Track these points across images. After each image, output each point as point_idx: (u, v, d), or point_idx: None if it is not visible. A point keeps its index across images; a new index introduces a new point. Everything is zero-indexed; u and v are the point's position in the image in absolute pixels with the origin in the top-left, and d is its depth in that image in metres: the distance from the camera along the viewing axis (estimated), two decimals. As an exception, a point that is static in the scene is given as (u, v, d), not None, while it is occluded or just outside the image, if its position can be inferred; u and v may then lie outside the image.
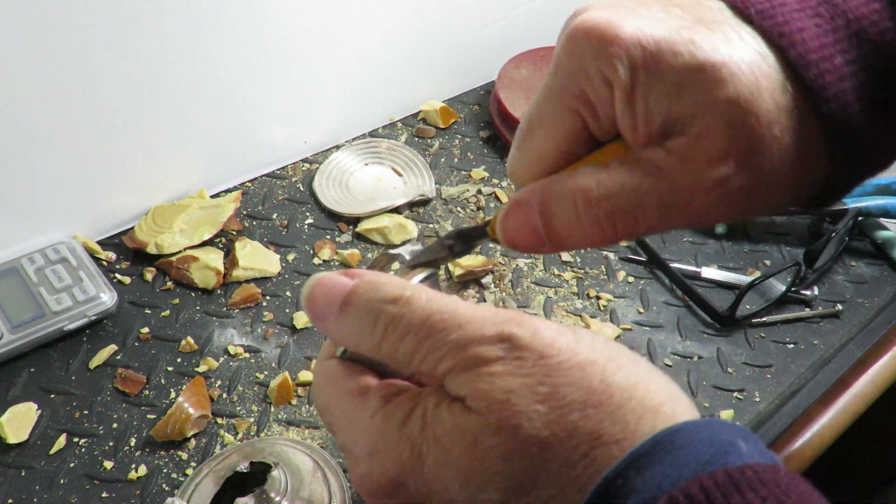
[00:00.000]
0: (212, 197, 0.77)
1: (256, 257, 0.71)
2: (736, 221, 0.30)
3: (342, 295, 0.27)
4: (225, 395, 0.62)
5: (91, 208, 0.71)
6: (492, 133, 0.90)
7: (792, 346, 0.70)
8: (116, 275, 0.69)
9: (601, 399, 0.24)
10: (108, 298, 0.65)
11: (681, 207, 0.27)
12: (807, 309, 0.74)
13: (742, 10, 0.27)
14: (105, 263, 0.70)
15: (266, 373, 0.64)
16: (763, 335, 0.71)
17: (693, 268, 0.75)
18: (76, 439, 0.58)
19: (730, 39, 0.27)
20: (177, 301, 0.68)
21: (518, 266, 0.75)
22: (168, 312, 0.67)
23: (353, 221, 0.78)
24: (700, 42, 0.26)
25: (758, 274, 0.75)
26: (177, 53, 0.67)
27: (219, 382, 0.62)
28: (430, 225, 0.78)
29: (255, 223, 0.76)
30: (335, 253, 0.74)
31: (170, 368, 0.63)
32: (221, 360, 0.64)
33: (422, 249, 0.32)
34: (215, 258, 0.70)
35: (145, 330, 0.65)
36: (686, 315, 0.72)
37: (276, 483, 0.50)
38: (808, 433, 0.63)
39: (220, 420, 0.60)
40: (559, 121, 0.30)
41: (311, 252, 0.74)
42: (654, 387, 0.25)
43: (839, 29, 0.27)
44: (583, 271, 0.76)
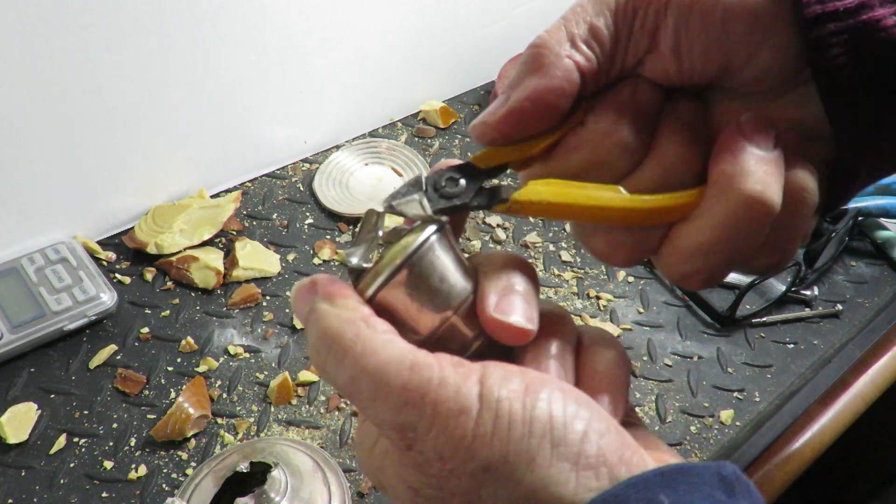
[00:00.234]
0: (212, 197, 0.77)
1: (256, 257, 0.71)
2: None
3: (307, 308, 0.27)
4: (225, 395, 0.62)
5: (91, 208, 0.71)
6: (492, 133, 0.90)
7: (792, 346, 0.70)
8: (116, 275, 0.69)
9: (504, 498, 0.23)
10: (108, 298, 0.65)
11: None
12: (807, 309, 0.74)
13: None
14: (105, 263, 0.70)
15: (266, 373, 0.64)
16: (763, 335, 0.71)
17: (693, 268, 0.75)
18: (76, 439, 0.58)
19: None
20: (177, 301, 0.68)
21: (518, 266, 0.75)
22: (168, 312, 0.67)
23: (353, 221, 0.78)
24: None
25: (766, 273, 0.75)
26: (177, 53, 0.67)
27: (219, 382, 0.62)
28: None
29: (255, 223, 0.76)
30: (335, 253, 0.74)
31: (170, 368, 0.63)
32: (221, 360, 0.64)
33: (394, 191, 0.28)
34: (215, 258, 0.70)
35: (145, 330, 0.65)
36: (686, 315, 0.72)
37: (276, 483, 0.50)
38: (808, 433, 0.63)
39: (220, 420, 0.60)
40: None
41: (311, 252, 0.74)
42: (561, 487, 0.23)
43: None
44: (583, 271, 0.76)
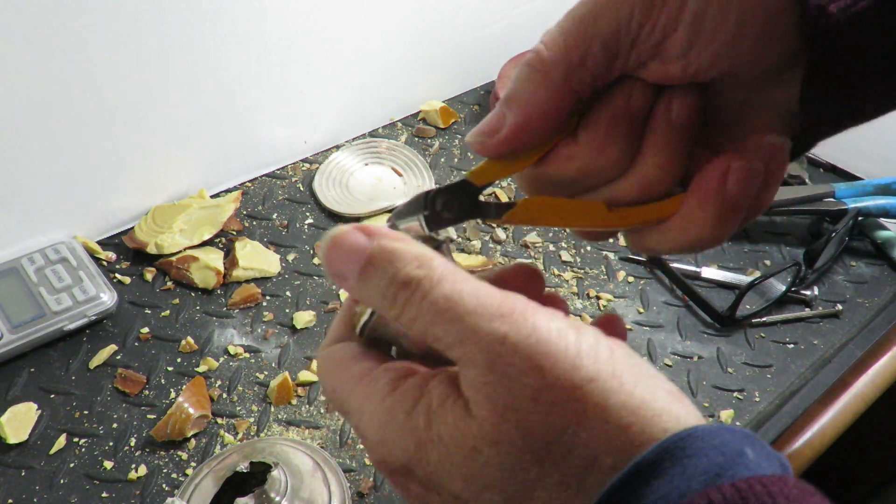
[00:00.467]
0: (212, 197, 0.77)
1: (256, 257, 0.71)
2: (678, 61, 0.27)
3: (360, 259, 0.26)
4: (225, 395, 0.62)
5: (91, 208, 0.71)
6: (492, 133, 0.90)
7: (792, 346, 0.70)
8: (116, 275, 0.69)
9: (596, 423, 0.23)
10: (108, 298, 0.65)
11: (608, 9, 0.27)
12: (807, 309, 0.74)
13: None
14: (105, 263, 0.70)
15: (266, 373, 0.64)
16: (763, 335, 0.71)
17: (693, 268, 0.75)
18: (76, 439, 0.58)
19: None
20: (177, 301, 0.68)
21: (518, 266, 0.75)
22: (168, 312, 0.67)
23: (353, 221, 0.78)
24: None
25: (758, 274, 0.75)
26: (177, 53, 0.67)
27: (219, 382, 0.62)
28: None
29: (255, 223, 0.76)
30: (335, 253, 0.74)
31: (170, 368, 0.63)
32: (221, 360, 0.64)
33: (399, 207, 0.30)
34: (215, 258, 0.70)
35: (145, 330, 0.65)
36: (686, 315, 0.72)
37: (276, 483, 0.50)
38: (808, 433, 0.63)
39: (220, 420, 0.60)
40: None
41: (311, 252, 0.74)
42: (658, 402, 0.24)
43: None
44: (583, 271, 0.76)
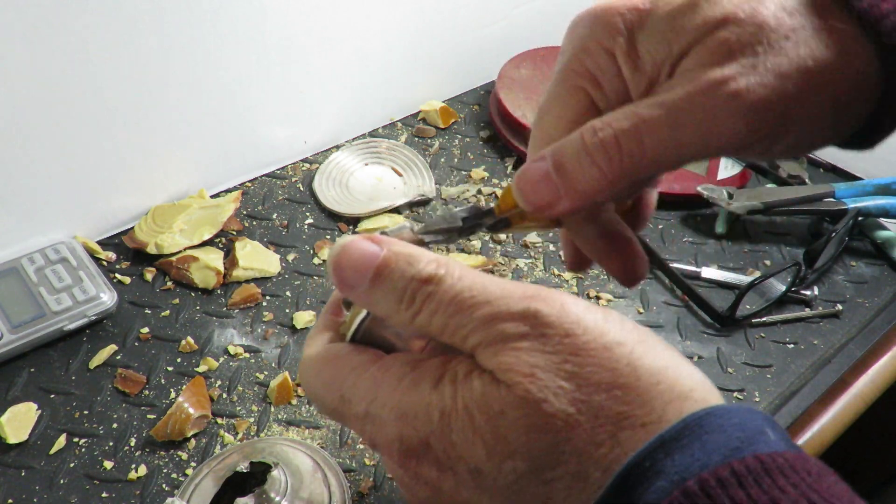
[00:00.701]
0: (212, 197, 0.77)
1: (256, 257, 0.71)
2: (761, 157, 0.29)
3: (372, 266, 0.26)
4: (225, 395, 0.62)
5: (91, 208, 0.71)
6: (492, 133, 0.90)
7: (792, 346, 0.70)
8: (116, 275, 0.69)
9: (628, 381, 0.24)
10: (108, 298, 0.65)
11: (692, 124, 0.26)
12: (807, 309, 0.74)
13: None
14: (105, 263, 0.70)
15: (266, 373, 0.64)
16: (763, 335, 0.71)
17: (693, 268, 0.75)
18: (76, 439, 0.58)
19: None
20: (177, 301, 0.68)
21: (518, 266, 0.75)
22: (168, 312, 0.67)
23: (353, 221, 0.78)
24: None
25: (758, 274, 0.75)
26: (177, 53, 0.67)
27: (219, 382, 0.62)
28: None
29: (255, 223, 0.76)
30: (335, 253, 0.74)
31: (170, 368, 0.63)
32: (221, 360, 0.64)
33: (433, 220, 0.32)
34: (215, 258, 0.70)
35: (145, 330, 0.65)
36: (686, 315, 0.72)
37: (276, 483, 0.50)
38: (808, 433, 0.63)
39: (220, 420, 0.60)
40: (567, 100, 0.31)
41: (311, 252, 0.74)
42: (683, 372, 0.25)
43: None
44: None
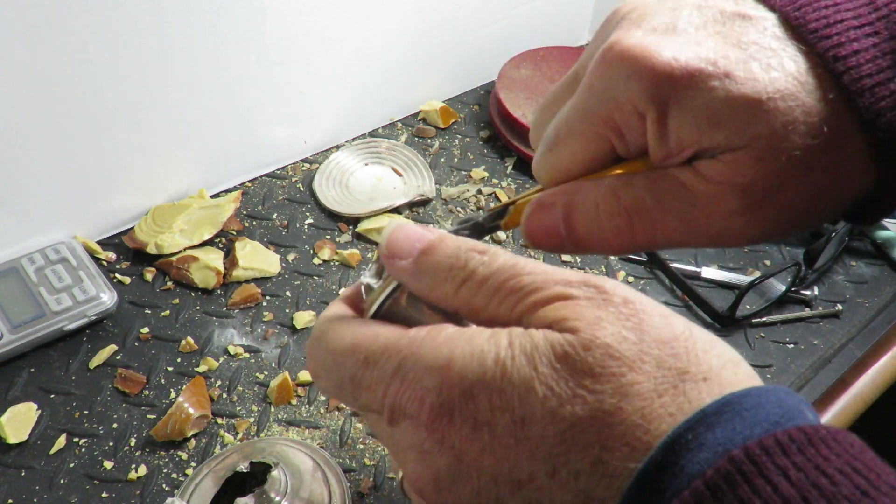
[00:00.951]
0: (212, 197, 0.77)
1: (256, 257, 0.71)
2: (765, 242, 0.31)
3: (425, 241, 0.27)
4: (225, 395, 0.62)
5: (91, 208, 0.71)
6: (492, 133, 0.90)
7: (792, 346, 0.70)
8: (116, 275, 0.69)
9: (686, 344, 0.24)
10: (108, 298, 0.65)
11: (703, 227, 0.28)
12: (807, 309, 0.74)
13: (794, 26, 0.27)
14: (105, 263, 0.70)
15: (266, 373, 0.64)
16: (763, 335, 0.71)
17: (693, 268, 0.75)
18: (76, 439, 0.58)
19: (770, 68, 0.26)
20: (177, 301, 0.68)
21: (518, 266, 0.75)
22: (168, 312, 0.67)
23: (353, 221, 0.78)
24: (736, 75, 0.26)
25: (758, 274, 0.75)
26: (177, 53, 0.67)
27: (219, 382, 0.62)
28: (430, 225, 0.78)
29: (255, 223, 0.76)
30: (335, 253, 0.74)
31: (170, 368, 0.63)
32: (221, 360, 0.64)
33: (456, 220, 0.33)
34: (215, 258, 0.70)
35: (145, 330, 0.65)
36: (686, 315, 0.72)
37: (276, 483, 0.50)
38: (808, 433, 0.63)
39: (220, 420, 0.60)
40: (587, 141, 0.30)
41: (311, 252, 0.74)
42: (729, 349, 0.25)
43: None
44: (583, 271, 0.75)
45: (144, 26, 0.63)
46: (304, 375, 0.63)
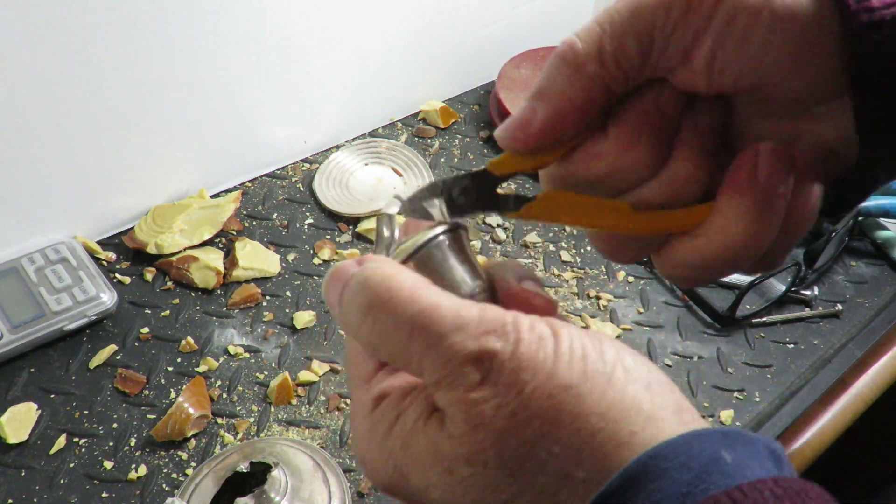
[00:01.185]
0: (212, 197, 0.77)
1: (256, 257, 0.71)
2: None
3: (340, 286, 0.26)
4: (225, 395, 0.62)
5: (91, 208, 0.71)
6: (492, 133, 0.90)
7: (792, 346, 0.70)
8: (116, 275, 0.69)
9: (568, 434, 0.22)
10: (108, 298, 0.65)
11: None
12: (807, 309, 0.74)
13: None
14: (105, 263, 0.70)
15: (266, 373, 0.64)
16: (763, 335, 0.71)
17: (693, 268, 0.75)
18: (76, 439, 0.58)
19: None
20: (177, 301, 0.68)
21: (518, 266, 0.75)
22: (168, 312, 0.67)
23: (353, 221, 0.78)
24: None
25: (758, 274, 0.75)
26: (177, 53, 0.67)
27: (219, 382, 0.62)
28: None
29: (255, 223, 0.76)
30: (335, 253, 0.74)
31: (170, 368, 0.63)
32: (221, 360, 0.64)
33: (415, 192, 0.29)
34: (215, 258, 0.70)
35: (145, 330, 0.65)
36: (686, 315, 0.72)
37: (276, 483, 0.50)
38: (808, 433, 0.63)
39: (220, 420, 0.60)
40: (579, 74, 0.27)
41: (311, 252, 0.74)
42: (626, 401, 0.23)
43: None
44: (583, 271, 0.76)
45: (144, 26, 0.63)
46: (304, 375, 0.63)
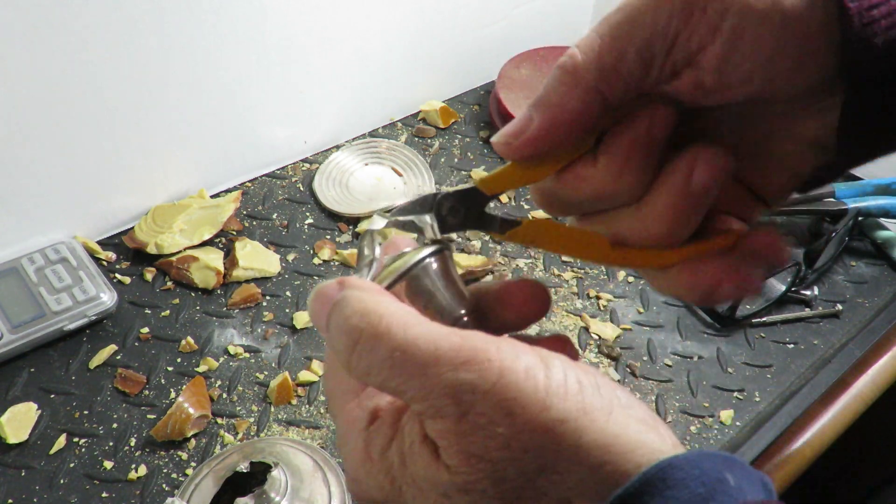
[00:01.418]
0: (212, 197, 0.77)
1: (256, 257, 0.71)
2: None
3: (329, 308, 0.25)
4: (225, 395, 0.62)
5: (91, 208, 0.71)
6: (492, 133, 0.90)
7: (792, 346, 0.70)
8: (116, 275, 0.69)
9: (570, 465, 0.22)
10: (108, 298, 0.65)
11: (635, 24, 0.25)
12: (807, 309, 0.74)
13: None
14: (105, 263, 0.70)
15: (266, 373, 0.64)
16: (763, 335, 0.71)
17: (693, 268, 0.75)
18: (76, 439, 0.58)
19: None
20: (177, 301, 0.68)
21: (518, 266, 0.75)
22: (168, 312, 0.67)
23: (353, 221, 0.78)
24: None
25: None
26: (177, 53, 0.67)
27: (219, 382, 0.62)
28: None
29: (255, 223, 0.76)
30: (335, 253, 0.74)
31: (170, 368, 0.63)
32: (221, 360, 0.64)
33: (404, 204, 0.29)
34: (215, 258, 0.70)
35: (145, 330, 0.65)
36: (686, 315, 0.72)
37: (276, 483, 0.50)
38: (808, 433, 0.63)
39: (220, 420, 0.60)
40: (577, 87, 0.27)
41: (311, 252, 0.74)
42: (630, 435, 0.23)
43: None
44: (583, 271, 0.75)
45: (144, 26, 0.63)
46: (304, 375, 0.63)
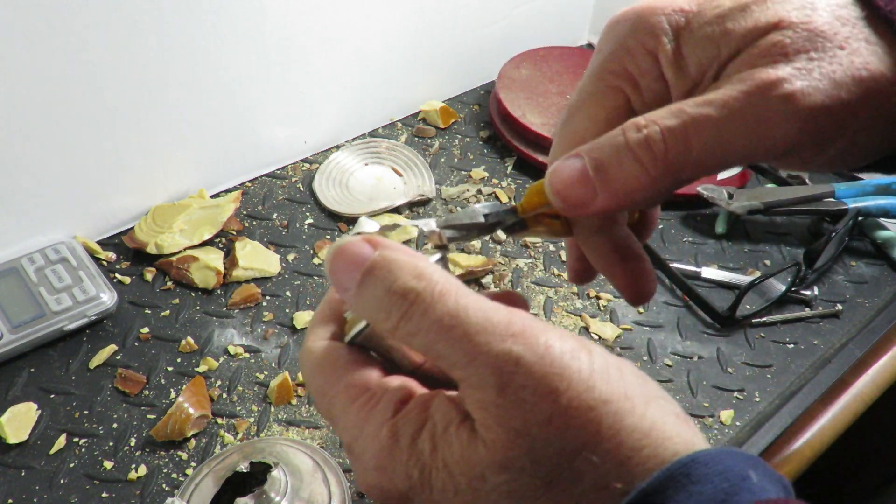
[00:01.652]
0: (212, 197, 0.77)
1: (256, 257, 0.71)
2: (803, 166, 0.28)
3: (361, 268, 0.25)
4: (225, 395, 0.62)
5: (91, 208, 0.71)
6: (492, 133, 0.90)
7: (792, 346, 0.70)
8: (116, 275, 0.69)
9: (610, 447, 0.23)
10: (108, 298, 0.65)
11: (743, 124, 0.25)
12: (807, 309, 0.74)
13: None
14: (105, 263, 0.70)
15: (266, 373, 0.64)
16: (763, 335, 0.71)
17: (693, 268, 0.75)
18: (76, 439, 0.58)
19: None
20: (177, 301, 0.68)
21: (518, 266, 0.75)
22: (168, 312, 0.67)
23: (352, 221, 0.78)
24: None
25: (758, 274, 0.75)
26: (177, 53, 0.67)
27: (219, 382, 0.62)
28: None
29: (255, 223, 0.76)
30: (335, 253, 0.74)
31: (170, 368, 0.63)
32: (221, 360, 0.64)
33: (455, 215, 0.31)
34: (215, 258, 0.70)
35: (145, 330, 0.65)
36: (686, 315, 0.72)
37: (276, 483, 0.50)
38: (808, 433, 0.63)
39: (220, 420, 0.60)
40: (601, 99, 0.30)
41: (311, 252, 0.74)
42: (668, 425, 0.24)
43: None
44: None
45: (144, 26, 0.63)
46: (304, 375, 0.63)
